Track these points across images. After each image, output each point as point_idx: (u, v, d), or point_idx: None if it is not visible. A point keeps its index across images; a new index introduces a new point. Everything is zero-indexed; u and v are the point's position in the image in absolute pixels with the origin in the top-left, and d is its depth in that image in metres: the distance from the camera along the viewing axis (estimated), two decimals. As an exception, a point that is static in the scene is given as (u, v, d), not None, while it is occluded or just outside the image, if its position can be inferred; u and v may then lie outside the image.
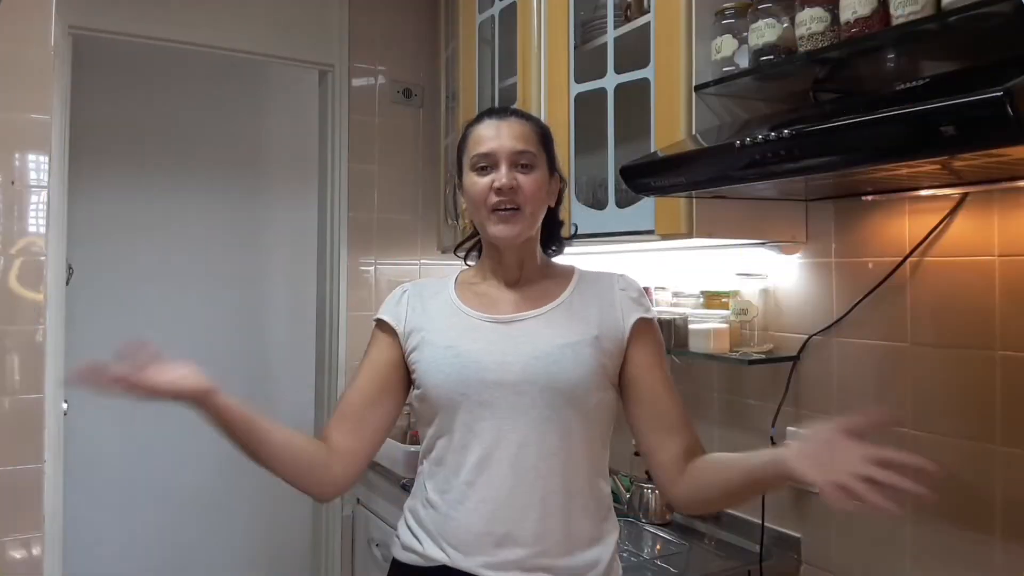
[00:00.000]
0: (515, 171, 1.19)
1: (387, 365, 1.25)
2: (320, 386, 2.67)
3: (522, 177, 1.19)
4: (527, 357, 1.16)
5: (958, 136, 0.88)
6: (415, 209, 2.71)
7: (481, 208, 1.20)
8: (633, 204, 1.65)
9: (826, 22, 1.26)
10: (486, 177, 1.20)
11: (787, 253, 1.70)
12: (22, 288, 1.54)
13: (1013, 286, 1.31)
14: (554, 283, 1.27)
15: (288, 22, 2.54)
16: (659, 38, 1.57)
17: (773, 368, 1.71)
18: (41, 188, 1.57)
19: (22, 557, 1.52)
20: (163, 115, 3.18)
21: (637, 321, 1.22)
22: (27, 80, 1.56)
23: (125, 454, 3.10)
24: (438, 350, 1.20)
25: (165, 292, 3.18)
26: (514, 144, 1.20)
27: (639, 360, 1.22)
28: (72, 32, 2.21)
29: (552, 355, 1.17)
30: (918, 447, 1.45)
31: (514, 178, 1.18)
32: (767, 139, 1.10)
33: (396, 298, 1.30)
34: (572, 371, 1.17)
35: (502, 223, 1.19)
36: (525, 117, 1.26)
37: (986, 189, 1.33)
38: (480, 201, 1.20)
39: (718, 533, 1.85)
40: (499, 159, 1.19)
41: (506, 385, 1.16)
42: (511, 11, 2.02)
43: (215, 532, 3.23)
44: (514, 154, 1.19)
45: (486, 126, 1.23)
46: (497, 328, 1.21)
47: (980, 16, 1.03)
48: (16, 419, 1.53)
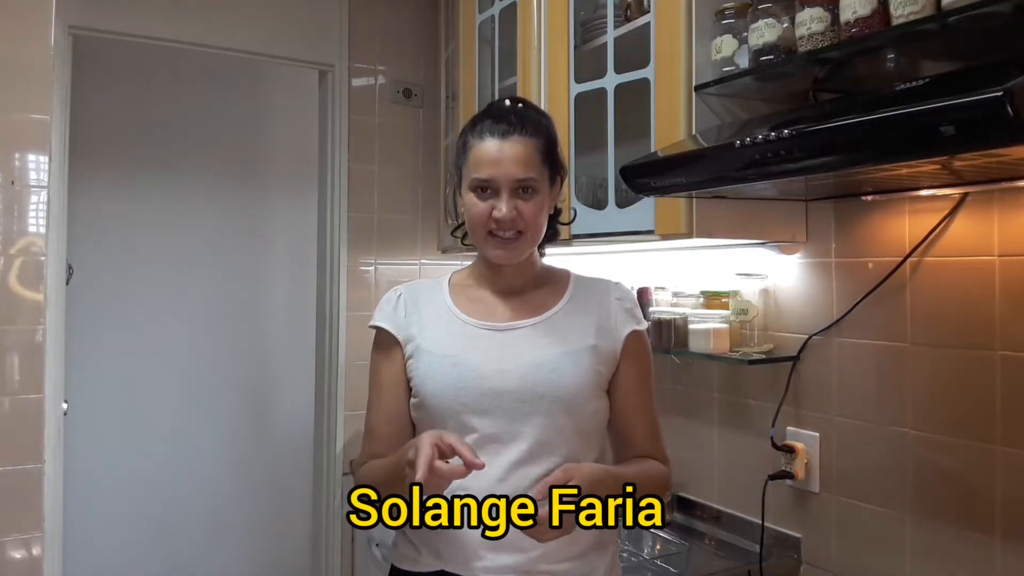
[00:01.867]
0: (516, 198, 1.16)
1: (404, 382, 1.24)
2: (320, 386, 2.67)
3: (523, 204, 1.16)
4: (526, 365, 1.16)
5: (958, 136, 0.88)
6: (415, 209, 2.71)
7: (479, 231, 1.19)
8: (633, 204, 1.65)
9: (826, 22, 1.26)
10: (485, 202, 1.17)
11: (787, 253, 1.70)
12: (22, 288, 1.54)
13: (1013, 286, 1.31)
14: (550, 289, 1.27)
15: (288, 22, 2.54)
16: (659, 38, 1.57)
17: (773, 368, 1.71)
18: (41, 188, 1.57)
19: (22, 557, 1.52)
20: (163, 115, 3.18)
21: (630, 334, 1.23)
22: (27, 80, 1.56)
23: (125, 454, 3.10)
24: (435, 358, 1.20)
25: (165, 292, 3.18)
26: (516, 171, 1.16)
27: (623, 377, 1.23)
28: (72, 32, 2.21)
29: (551, 363, 1.17)
30: (918, 447, 1.45)
31: (515, 208, 1.16)
32: (767, 139, 1.10)
33: (392, 303, 1.27)
34: (571, 379, 1.17)
35: (500, 248, 1.18)
36: (529, 132, 1.19)
37: (986, 189, 1.33)
38: (479, 225, 1.18)
39: (718, 533, 1.85)
40: (500, 187, 1.16)
41: (504, 393, 1.15)
42: (511, 11, 2.02)
43: (215, 532, 3.23)
44: (515, 182, 1.16)
45: (488, 146, 1.17)
46: (495, 336, 1.21)
47: (980, 16, 1.03)
48: (16, 419, 1.53)
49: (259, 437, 3.35)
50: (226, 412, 3.30)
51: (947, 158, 1.05)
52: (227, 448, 3.29)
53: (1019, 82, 0.82)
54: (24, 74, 1.55)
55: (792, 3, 1.32)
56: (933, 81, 1.08)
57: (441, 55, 2.62)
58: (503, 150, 1.16)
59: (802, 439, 1.66)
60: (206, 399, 3.26)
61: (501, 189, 1.16)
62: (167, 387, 3.19)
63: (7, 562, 1.51)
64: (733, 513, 1.82)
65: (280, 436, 3.36)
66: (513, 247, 1.18)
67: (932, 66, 1.25)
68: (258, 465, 3.33)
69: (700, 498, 1.91)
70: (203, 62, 3.01)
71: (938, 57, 1.24)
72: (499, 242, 1.18)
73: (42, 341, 1.56)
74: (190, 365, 3.23)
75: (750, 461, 1.77)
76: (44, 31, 1.58)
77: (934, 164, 1.12)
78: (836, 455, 1.61)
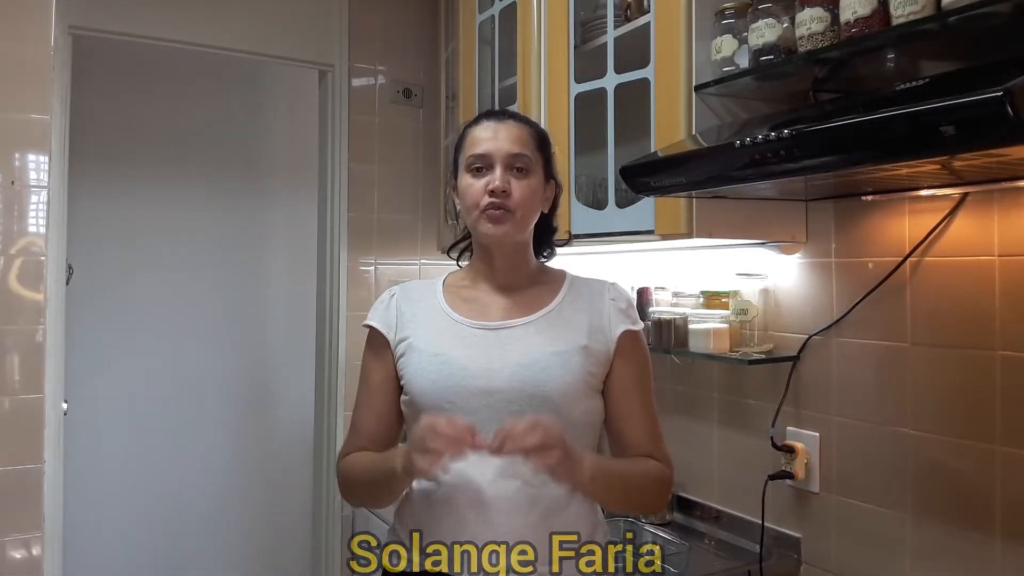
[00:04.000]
0: (510, 174, 1.19)
1: (393, 382, 1.26)
2: (320, 386, 2.67)
3: (516, 182, 1.19)
4: (515, 365, 1.16)
5: (958, 136, 0.88)
6: (415, 209, 2.71)
7: (473, 210, 1.20)
8: (633, 204, 1.65)
9: (826, 22, 1.26)
10: (481, 179, 1.19)
11: (787, 253, 1.70)
12: (22, 288, 1.54)
13: (1013, 286, 1.31)
14: (545, 289, 1.27)
15: (288, 22, 2.54)
16: (659, 38, 1.57)
17: (773, 368, 1.71)
18: (41, 188, 1.57)
19: (22, 557, 1.52)
20: (163, 115, 3.18)
21: (623, 334, 1.23)
22: (27, 80, 1.56)
23: (125, 454, 3.10)
24: (425, 356, 1.20)
25: (165, 292, 3.18)
26: (510, 147, 1.20)
27: (618, 377, 1.23)
28: (72, 32, 2.21)
29: (540, 363, 1.17)
30: (918, 447, 1.45)
31: (508, 181, 1.18)
32: (767, 139, 1.11)
33: (385, 303, 1.29)
34: (560, 379, 1.17)
35: (491, 223, 1.19)
36: (524, 121, 1.26)
37: (986, 189, 1.33)
38: (473, 203, 1.20)
39: (718, 533, 1.85)
40: (494, 161, 1.19)
41: (493, 392, 1.16)
42: (511, 11, 2.02)
43: (215, 532, 3.23)
44: (510, 156, 1.19)
45: (484, 127, 1.23)
46: (486, 335, 1.21)
47: (980, 16, 1.03)
48: (16, 419, 1.53)
49: (259, 437, 3.35)
50: (226, 411, 3.30)
51: (947, 158, 1.05)
52: (227, 448, 3.29)
53: (1019, 82, 0.82)
54: (24, 74, 1.56)
55: (792, 3, 1.32)
56: (933, 81, 1.08)
57: (441, 55, 2.62)
58: (498, 130, 1.22)
59: (802, 439, 1.66)
60: (206, 399, 3.26)
61: (496, 163, 1.19)
62: (167, 387, 3.18)
63: (7, 562, 1.51)
64: (733, 513, 1.82)
65: (280, 436, 3.36)
66: (503, 222, 1.19)
67: (932, 66, 1.25)
68: (258, 465, 3.33)
69: (700, 498, 1.91)
70: (203, 62, 3.01)
71: (938, 57, 1.24)
72: (490, 216, 1.19)
73: (42, 341, 1.56)
74: (190, 365, 3.23)
75: (750, 461, 1.77)
76: (44, 31, 1.58)
77: (934, 164, 1.12)
78: (836, 455, 1.60)
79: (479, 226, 1.21)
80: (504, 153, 1.19)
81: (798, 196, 1.62)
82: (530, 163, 1.21)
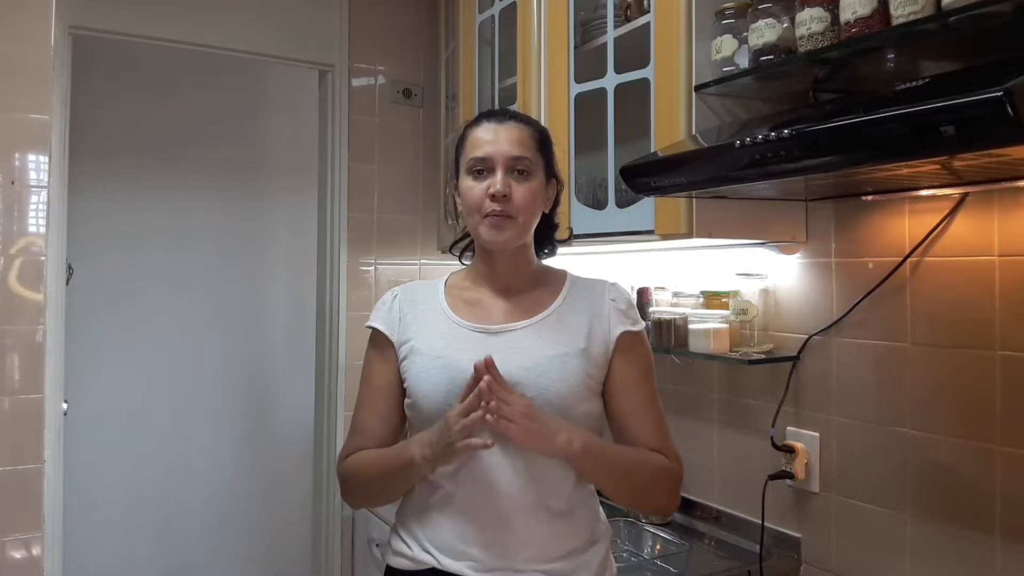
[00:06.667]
0: (511, 177, 1.19)
1: (396, 384, 1.25)
2: (320, 386, 2.67)
3: (517, 186, 1.19)
4: (515, 368, 1.16)
5: (958, 136, 0.88)
6: (415, 209, 2.71)
7: (475, 214, 1.20)
8: (633, 204, 1.65)
9: (826, 22, 1.25)
10: (482, 183, 1.19)
11: (787, 253, 1.70)
12: (22, 288, 1.54)
13: (1013, 286, 1.31)
14: (546, 291, 1.27)
15: (288, 22, 2.54)
16: (659, 38, 1.57)
17: (773, 368, 1.71)
18: (41, 188, 1.57)
19: (22, 557, 1.52)
20: (163, 115, 3.18)
21: (622, 334, 1.23)
22: (27, 80, 1.56)
23: (125, 454, 3.10)
24: (427, 360, 1.21)
25: (165, 292, 3.18)
26: (511, 149, 1.19)
27: (619, 376, 1.23)
28: (72, 32, 2.21)
29: (540, 366, 1.17)
30: (918, 447, 1.45)
31: (508, 185, 1.18)
32: (767, 139, 1.11)
33: (387, 304, 1.29)
34: (559, 382, 1.17)
35: (493, 228, 1.19)
36: (524, 121, 1.25)
37: (986, 189, 1.33)
38: (475, 207, 1.20)
39: (718, 533, 1.85)
40: (495, 164, 1.19)
41: None
42: (511, 11, 2.02)
43: (215, 532, 3.23)
44: (511, 159, 1.19)
45: (484, 129, 1.22)
46: (486, 339, 1.21)
47: (980, 16, 1.03)
48: (16, 419, 1.53)
49: (259, 437, 3.35)
50: (226, 412, 3.30)
51: (947, 158, 1.05)
52: (227, 448, 3.29)
53: (1019, 82, 0.82)
54: (24, 74, 1.55)
55: (792, 3, 1.32)
56: (933, 81, 1.08)
57: (441, 55, 2.62)
58: (499, 132, 1.21)
59: (802, 439, 1.66)
60: (206, 399, 3.26)
61: (497, 166, 1.19)
62: (167, 387, 3.19)
63: (7, 562, 1.51)
64: (733, 513, 1.82)
65: (280, 436, 3.36)
66: (505, 228, 1.19)
67: (932, 66, 1.25)
68: (258, 465, 3.33)
69: (700, 498, 1.91)
70: (203, 62, 3.01)
71: (938, 57, 1.24)
72: (492, 222, 1.18)
73: (42, 341, 1.56)
74: (190, 365, 3.23)
75: (750, 461, 1.77)
76: (44, 31, 1.58)
77: (934, 164, 1.12)
78: (836, 455, 1.61)
79: (480, 231, 1.21)
80: (505, 156, 1.19)
81: (798, 196, 1.62)
82: (531, 165, 1.21)
